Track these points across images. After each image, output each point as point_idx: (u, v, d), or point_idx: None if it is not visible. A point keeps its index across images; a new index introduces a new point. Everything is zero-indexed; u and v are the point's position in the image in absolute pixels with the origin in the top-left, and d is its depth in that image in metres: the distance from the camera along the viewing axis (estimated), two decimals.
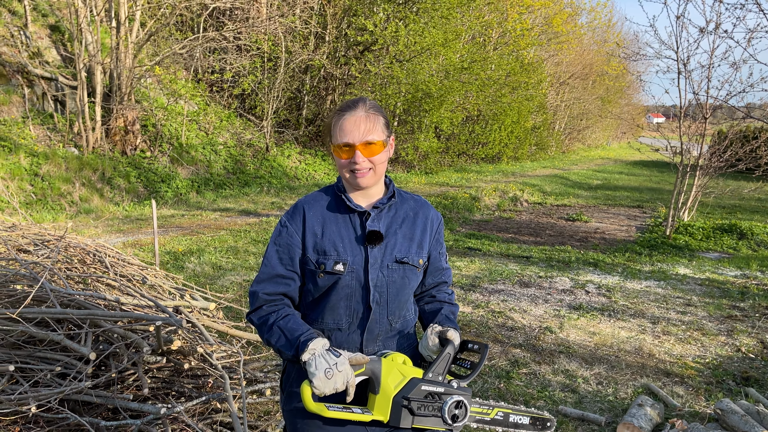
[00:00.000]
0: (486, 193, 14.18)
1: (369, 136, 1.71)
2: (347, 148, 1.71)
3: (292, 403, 1.78)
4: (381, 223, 1.80)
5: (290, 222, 1.79)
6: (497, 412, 1.77)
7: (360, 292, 1.76)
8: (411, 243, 1.83)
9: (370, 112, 1.74)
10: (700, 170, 10.80)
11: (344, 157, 1.72)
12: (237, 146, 15.13)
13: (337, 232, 1.77)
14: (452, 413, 1.62)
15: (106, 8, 12.09)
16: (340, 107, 1.78)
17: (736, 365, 4.66)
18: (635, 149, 24.52)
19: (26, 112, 11.23)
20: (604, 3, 39.62)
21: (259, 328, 1.75)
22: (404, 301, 1.84)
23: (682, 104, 10.06)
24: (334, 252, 1.74)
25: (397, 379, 1.63)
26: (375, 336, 1.79)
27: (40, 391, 2.76)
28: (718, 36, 9.27)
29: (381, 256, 1.77)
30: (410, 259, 1.81)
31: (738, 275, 7.60)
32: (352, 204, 1.79)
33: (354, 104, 1.75)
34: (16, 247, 3.84)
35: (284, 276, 1.76)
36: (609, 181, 21.16)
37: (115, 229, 8.89)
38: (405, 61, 16.67)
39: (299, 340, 1.63)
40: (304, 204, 1.81)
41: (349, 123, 1.71)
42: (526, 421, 1.81)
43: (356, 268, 1.75)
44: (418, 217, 1.88)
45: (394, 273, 1.79)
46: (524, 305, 6.08)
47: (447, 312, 1.92)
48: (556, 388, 4.16)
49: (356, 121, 1.71)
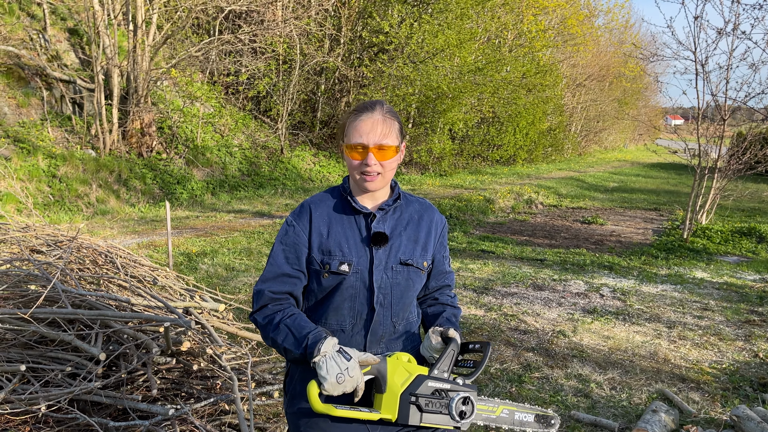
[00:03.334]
0: (500, 196, 14.10)
1: (384, 139, 1.71)
2: (361, 149, 1.70)
3: (296, 405, 1.77)
4: (386, 225, 1.80)
5: (297, 221, 1.78)
6: (503, 410, 1.76)
7: (364, 293, 1.75)
8: (416, 245, 1.83)
9: (387, 116, 1.74)
10: (719, 173, 10.63)
11: (356, 158, 1.71)
12: (252, 148, 15.21)
13: (342, 233, 1.76)
14: (460, 409, 1.62)
15: (124, 12, 12.23)
16: (357, 108, 1.77)
17: (753, 371, 4.57)
18: (652, 151, 24.16)
19: (45, 115, 11.38)
20: (621, 4, 39.12)
21: (263, 328, 1.73)
22: (408, 303, 1.83)
23: (700, 106, 9.93)
24: (339, 252, 1.73)
25: (403, 376, 1.62)
26: (379, 338, 1.79)
27: (51, 391, 2.77)
28: (736, 37, 9.14)
29: (386, 257, 1.76)
30: (415, 261, 1.81)
31: (757, 279, 7.47)
32: (357, 205, 1.78)
33: (371, 106, 1.74)
34: (29, 248, 3.88)
35: (290, 275, 1.75)
36: (626, 184, 20.93)
37: (131, 231, 8.97)
38: (419, 62, 16.65)
39: (308, 339, 1.61)
40: (311, 204, 1.80)
41: (365, 124, 1.71)
42: (530, 419, 1.80)
43: (361, 269, 1.74)
44: (423, 220, 1.87)
45: (399, 275, 1.78)
46: (537, 308, 6.02)
47: (449, 315, 1.92)
48: (569, 392, 4.10)
49: (373, 123, 1.71)
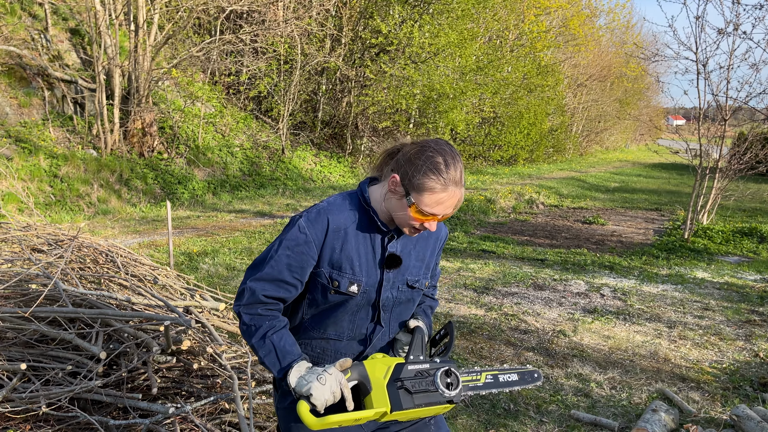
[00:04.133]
0: (501, 196, 14.10)
1: (453, 210, 1.63)
2: (431, 217, 1.60)
3: (287, 401, 1.77)
4: (398, 243, 1.76)
5: (310, 230, 1.65)
6: (486, 376, 1.80)
7: (367, 310, 1.75)
8: (422, 265, 1.83)
9: (463, 183, 1.61)
10: (720, 173, 10.63)
11: (420, 220, 1.61)
12: (253, 148, 15.22)
13: (355, 249, 1.68)
14: (446, 382, 1.65)
15: (125, 12, 12.24)
16: (443, 164, 1.57)
17: (753, 371, 4.57)
18: (653, 151, 24.16)
19: (46, 115, 11.40)
20: (623, 4, 39.20)
21: (246, 327, 1.67)
22: (406, 315, 1.86)
23: (702, 106, 9.92)
24: (350, 270, 1.67)
25: (383, 369, 1.66)
26: (373, 345, 1.83)
27: (51, 389, 2.78)
28: (737, 37, 9.13)
29: (393, 277, 1.75)
30: (419, 284, 1.82)
31: (758, 279, 7.46)
32: (381, 225, 1.70)
33: (460, 175, 1.58)
34: (30, 247, 3.89)
35: (288, 282, 1.67)
36: (627, 184, 20.92)
37: (132, 230, 8.98)
38: (420, 62, 16.65)
39: (291, 367, 1.61)
40: (329, 214, 1.67)
41: (451, 198, 1.58)
42: (515, 378, 1.85)
43: (369, 288, 1.71)
44: (431, 237, 1.85)
45: (403, 294, 1.79)
46: (538, 308, 6.02)
47: (425, 306, 1.97)
48: (569, 392, 4.10)
49: (458, 200, 1.60)
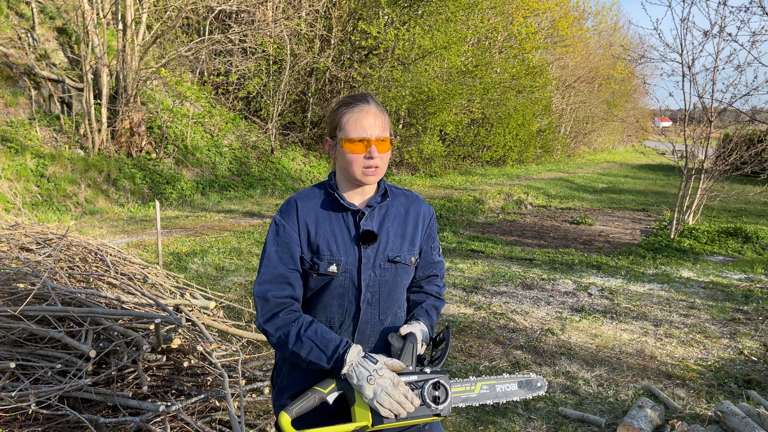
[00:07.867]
0: (490, 196, 14.17)
1: (384, 132, 1.69)
2: (365, 143, 1.66)
3: (284, 398, 1.77)
4: (374, 221, 1.77)
5: (285, 219, 1.72)
6: (482, 386, 1.72)
7: (353, 291, 1.73)
8: (403, 241, 1.80)
9: (381, 109, 1.71)
10: (705, 174, 10.76)
11: (359, 151, 1.67)
12: (242, 148, 15.18)
13: (330, 231, 1.72)
14: (432, 395, 1.59)
15: (113, 11, 12.17)
16: (347, 100, 1.71)
17: (738, 368, 4.64)
18: (640, 153, 24.36)
19: (33, 114, 11.31)
20: (609, 6, 39.57)
21: (279, 340, 1.64)
22: (396, 299, 1.81)
23: (687, 107, 10.04)
24: (327, 252, 1.70)
25: None
26: (367, 336, 1.78)
27: (41, 388, 2.77)
28: (722, 39, 9.25)
29: (374, 255, 1.74)
30: (402, 258, 1.79)
31: (742, 279, 7.56)
32: (345, 202, 1.74)
33: (365, 99, 1.70)
34: (18, 246, 3.87)
35: (287, 276, 1.69)
36: (614, 185, 21.10)
37: (120, 230, 8.93)
38: (408, 64, 16.69)
39: (338, 352, 1.59)
40: (297, 200, 1.74)
41: (367, 118, 1.67)
42: (514, 387, 1.76)
43: (349, 268, 1.71)
44: (410, 214, 1.84)
45: (387, 272, 1.76)
46: (526, 307, 6.07)
47: (428, 306, 1.90)
48: (557, 389, 4.15)
49: (374, 116, 1.68)
